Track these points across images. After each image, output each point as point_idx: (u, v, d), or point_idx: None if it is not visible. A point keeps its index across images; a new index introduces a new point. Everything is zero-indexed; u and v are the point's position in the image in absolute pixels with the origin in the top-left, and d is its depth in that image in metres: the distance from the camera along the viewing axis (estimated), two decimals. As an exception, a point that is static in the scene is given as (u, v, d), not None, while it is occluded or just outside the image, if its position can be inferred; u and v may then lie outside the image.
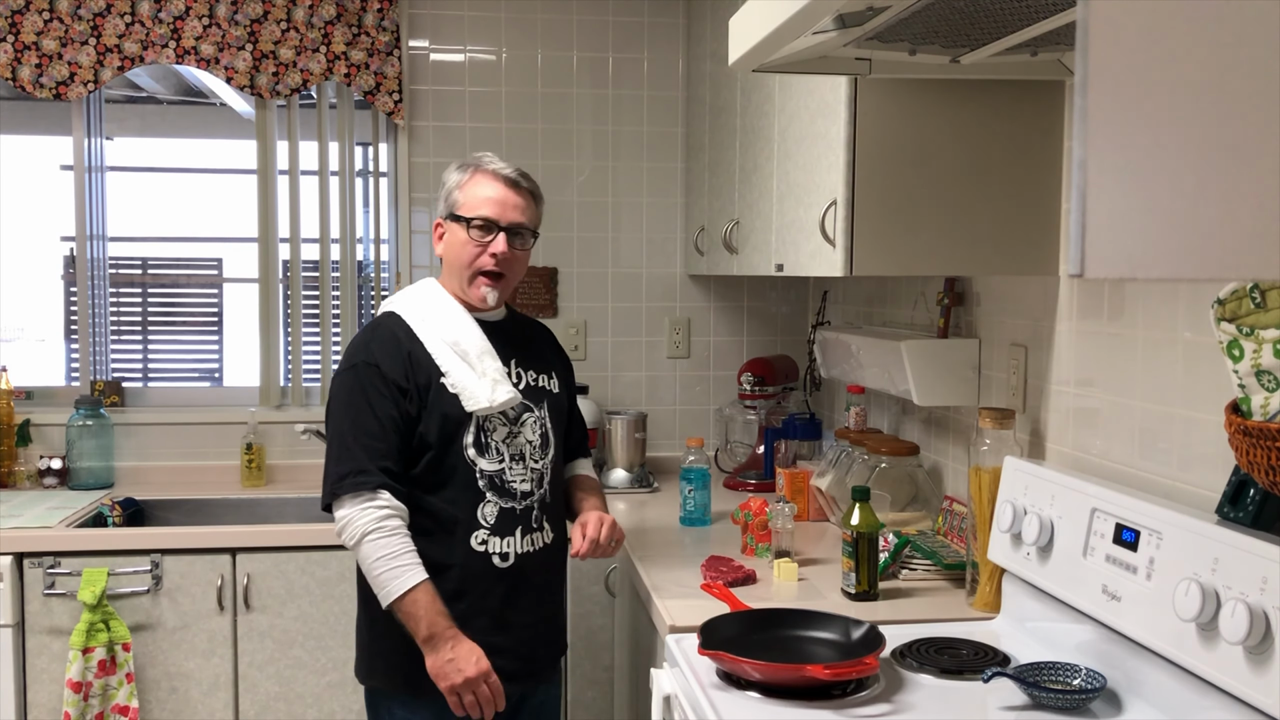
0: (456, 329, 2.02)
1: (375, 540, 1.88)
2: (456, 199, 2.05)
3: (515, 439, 2.03)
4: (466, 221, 2.03)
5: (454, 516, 1.98)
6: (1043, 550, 1.76)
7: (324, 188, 3.41)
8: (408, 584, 1.87)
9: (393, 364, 1.97)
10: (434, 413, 1.97)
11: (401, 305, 2.06)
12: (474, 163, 2.08)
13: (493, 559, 2.00)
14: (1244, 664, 1.31)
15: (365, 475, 1.90)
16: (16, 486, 3.24)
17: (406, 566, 1.88)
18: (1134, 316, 1.79)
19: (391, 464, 1.93)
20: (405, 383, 1.96)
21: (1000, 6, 1.48)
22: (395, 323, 2.03)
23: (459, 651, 1.88)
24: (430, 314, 2.03)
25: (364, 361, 1.97)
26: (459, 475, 1.98)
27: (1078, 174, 0.64)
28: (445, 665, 1.88)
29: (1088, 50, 0.63)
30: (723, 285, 3.60)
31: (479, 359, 2.00)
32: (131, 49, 3.23)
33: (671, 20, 3.51)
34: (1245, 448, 1.32)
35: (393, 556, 1.88)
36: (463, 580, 1.97)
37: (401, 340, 2.00)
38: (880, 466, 2.52)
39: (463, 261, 2.03)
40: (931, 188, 1.98)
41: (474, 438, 1.99)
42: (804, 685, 1.58)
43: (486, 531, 1.99)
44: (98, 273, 3.47)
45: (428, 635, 1.87)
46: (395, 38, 3.34)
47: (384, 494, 1.91)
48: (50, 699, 2.75)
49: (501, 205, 2.03)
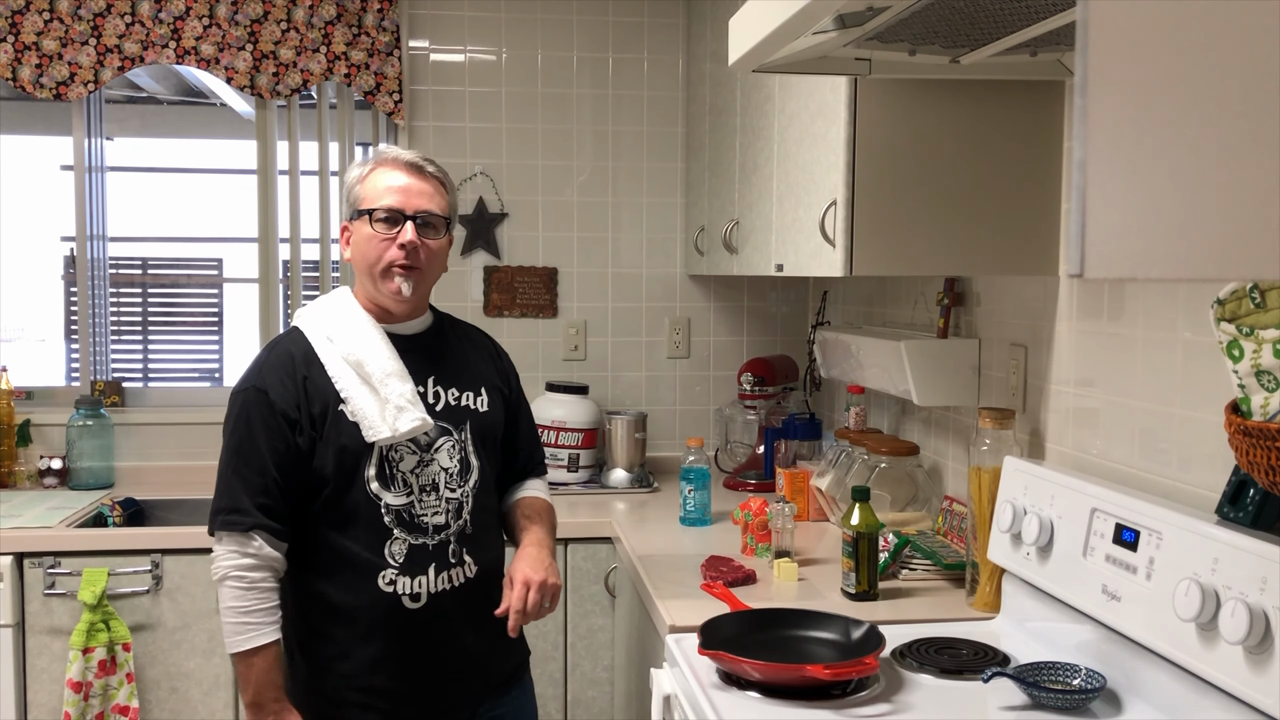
0: (362, 348, 1.84)
1: (233, 588, 1.77)
2: (358, 194, 1.88)
3: (427, 468, 1.86)
4: (369, 214, 1.85)
5: (358, 555, 1.81)
6: (1043, 550, 1.76)
7: (324, 188, 3.41)
8: (250, 644, 1.77)
9: (283, 391, 1.81)
10: (330, 445, 1.81)
11: (307, 321, 1.90)
12: (375, 156, 1.92)
13: (402, 600, 1.82)
14: (1244, 664, 1.31)
15: (239, 515, 1.78)
16: (16, 486, 3.24)
17: (255, 626, 1.77)
18: (1134, 316, 1.80)
19: (271, 501, 1.80)
20: (295, 413, 1.81)
21: (1000, 6, 1.48)
22: (295, 341, 1.87)
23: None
24: (336, 331, 1.86)
25: (254, 387, 1.83)
26: (362, 511, 1.82)
27: (1078, 174, 0.64)
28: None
29: (1088, 50, 0.63)
30: (723, 285, 3.60)
31: (383, 382, 1.82)
32: (131, 49, 3.23)
33: (671, 20, 3.51)
34: (1245, 448, 1.32)
35: (245, 611, 1.77)
36: (372, 624, 1.82)
37: (298, 363, 1.84)
38: (880, 466, 2.52)
39: (370, 259, 1.85)
40: (931, 188, 1.98)
41: (376, 470, 1.82)
42: (804, 685, 1.58)
43: (395, 571, 1.82)
44: (98, 273, 3.47)
45: (253, 701, 1.79)
46: (395, 38, 3.34)
47: (256, 539, 1.78)
48: (50, 699, 2.75)
49: (405, 193, 1.86)
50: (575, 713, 2.88)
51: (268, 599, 1.79)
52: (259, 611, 1.78)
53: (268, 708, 1.79)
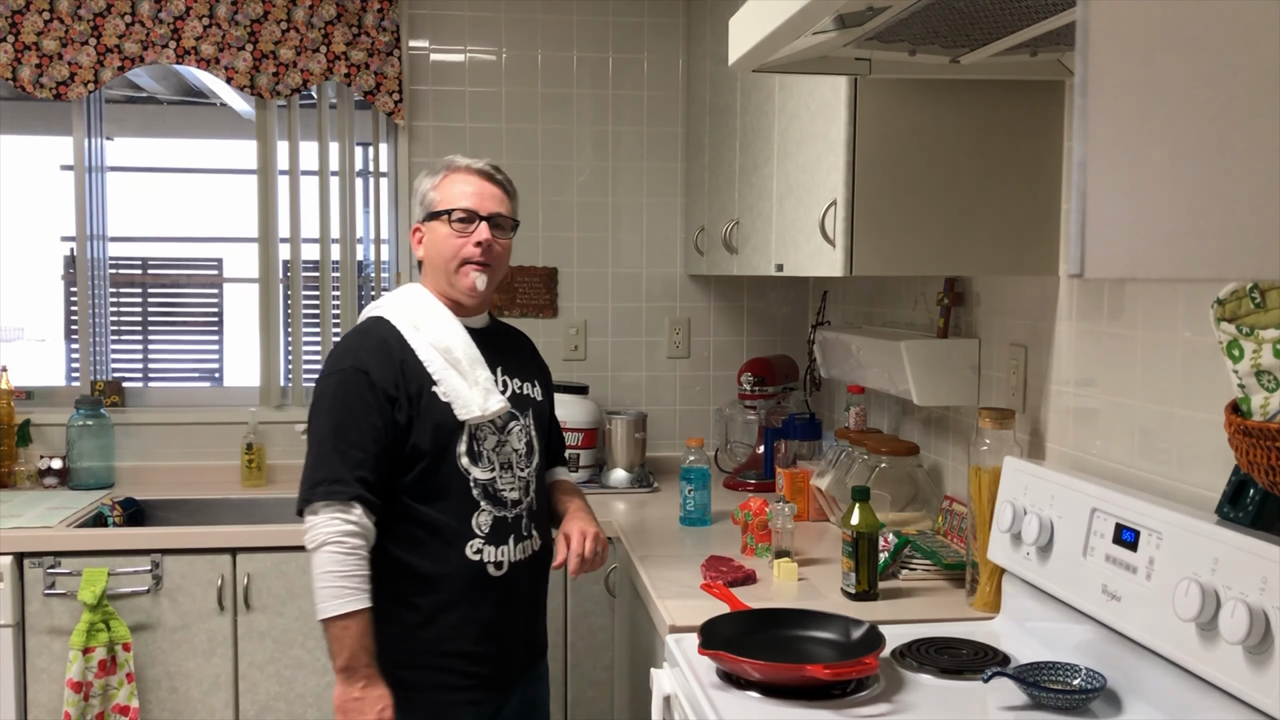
0: (448, 336, 1.99)
1: (332, 553, 1.84)
2: (433, 198, 2.04)
3: (504, 447, 2.01)
4: (447, 215, 2.01)
5: (448, 526, 1.95)
6: (1043, 550, 1.76)
7: (324, 188, 3.41)
8: (347, 608, 1.83)
9: (383, 371, 1.93)
10: (426, 422, 1.93)
11: (390, 311, 2.02)
12: (446, 164, 2.07)
13: (487, 568, 1.97)
14: (1244, 664, 1.31)
15: (341, 485, 1.86)
16: (16, 486, 3.24)
17: (352, 591, 1.84)
18: (1134, 316, 1.80)
19: (369, 474, 1.89)
20: (395, 391, 1.92)
21: (1000, 6, 1.48)
22: (385, 329, 1.99)
23: (368, 693, 1.85)
24: (421, 320, 2.00)
25: (352, 367, 1.93)
26: (453, 485, 1.95)
27: (1078, 174, 0.64)
28: (350, 701, 1.85)
29: (1088, 50, 0.63)
30: (723, 285, 3.60)
31: (470, 367, 1.98)
32: (131, 49, 3.23)
33: (671, 20, 3.51)
34: (1245, 448, 1.32)
35: (343, 575, 1.84)
36: (456, 591, 1.95)
37: (393, 347, 1.96)
38: (880, 466, 2.52)
39: (446, 255, 2.01)
40: (931, 188, 1.98)
41: (467, 447, 1.96)
42: (804, 685, 1.58)
43: (481, 540, 1.97)
44: (98, 273, 3.47)
45: (346, 665, 1.84)
46: (395, 38, 3.34)
47: (357, 508, 1.87)
48: (50, 699, 2.75)
49: (479, 197, 2.03)
50: (575, 713, 2.88)
51: (363, 566, 1.87)
52: (356, 577, 1.86)
53: (359, 672, 1.85)
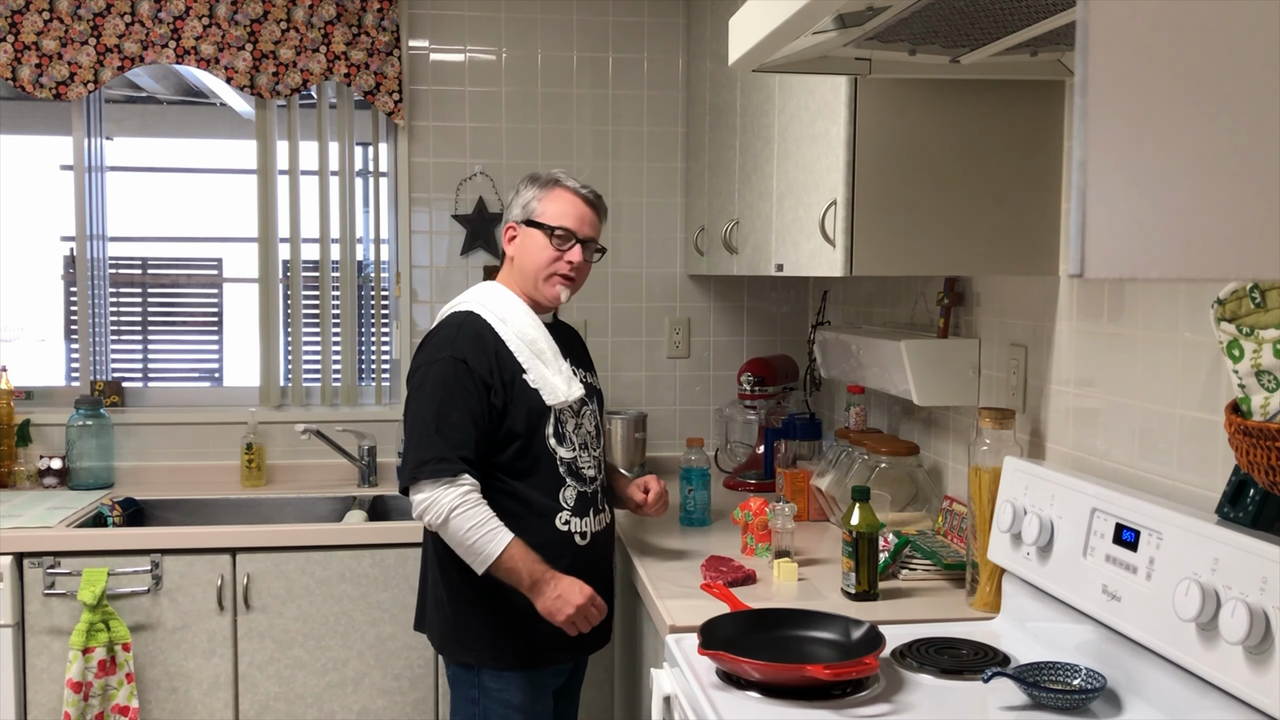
0: (531, 329, 2.20)
1: (462, 513, 2.03)
2: (535, 208, 2.23)
3: (580, 430, 2.23)
4: (550, 230, 2.20)
5: (540, 500, 2.15)
6: (1043, 550, 1.76)
7: (324, 188, 3.41)
8: (501, 544, 2.03)
9: (479, 360, 2.11)
10: (519, 406, 2.13)
11: (478, 306, 2.20)
12: (554, 178, 2.26)
13: (574, 537, 2.18)
14: (1244, 664, 1.31)
15: (446, 463, 2.05)
16: (16, 486, 3.24)
17: (495, 530, 2.04)
18: (1134, 316, 1.79)
19: (470, 454, 2.08)
20: (490, 378, 2.11)
21: (1000, 6, 1.48)
22: (477, 322, 2.17)
23: (562, 587, 2.06)
24: (507, 315, 2.19)
25: (451, 356, 2.11)
26: (543, 463, 2.16)
27: (1078, 174, 0.64)
28: (554, 602, 2.05)
29: (1088, 50, 0.63)
30: (723, 285, 3.60)
31: (554, 358, 2.20)
32: (131, 49, 3.23)
33: (671, 20, 3.51)
34: (1245, 448, 1.32)
35: (481, 524, 2.03)
36: (548, 558, 2.09)
37: (487, 339, 2.15)
38: (880, 466, 2.52)
39: (539, 264, 2.21)
40: (931, 188, 1.98)
41: (553, 428, 2.17)
42: (804, 685, 1.58)
43: (568, 512, 2.18)
44: (98, 273, 3.47)
45: (531, 582, 2.05)
46: (395, 38, 3.34)
47: (465, 476, 2.06)
48: (50, 699, 2.75)
49: (580, 220, 2.23)
50: (575, 713, 2.87)
51: (491, 512, 2.06)
52: (491, 520, 2.05)
53: (543, 580, 2.06)
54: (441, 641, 2.23)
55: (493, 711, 2.16)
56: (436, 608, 2.22)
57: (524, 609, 2.10)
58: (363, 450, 3.32)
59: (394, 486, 3.33)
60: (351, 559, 2.85)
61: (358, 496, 3.25)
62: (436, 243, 3.47)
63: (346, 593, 2.85)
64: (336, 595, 2.85)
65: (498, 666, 2.15)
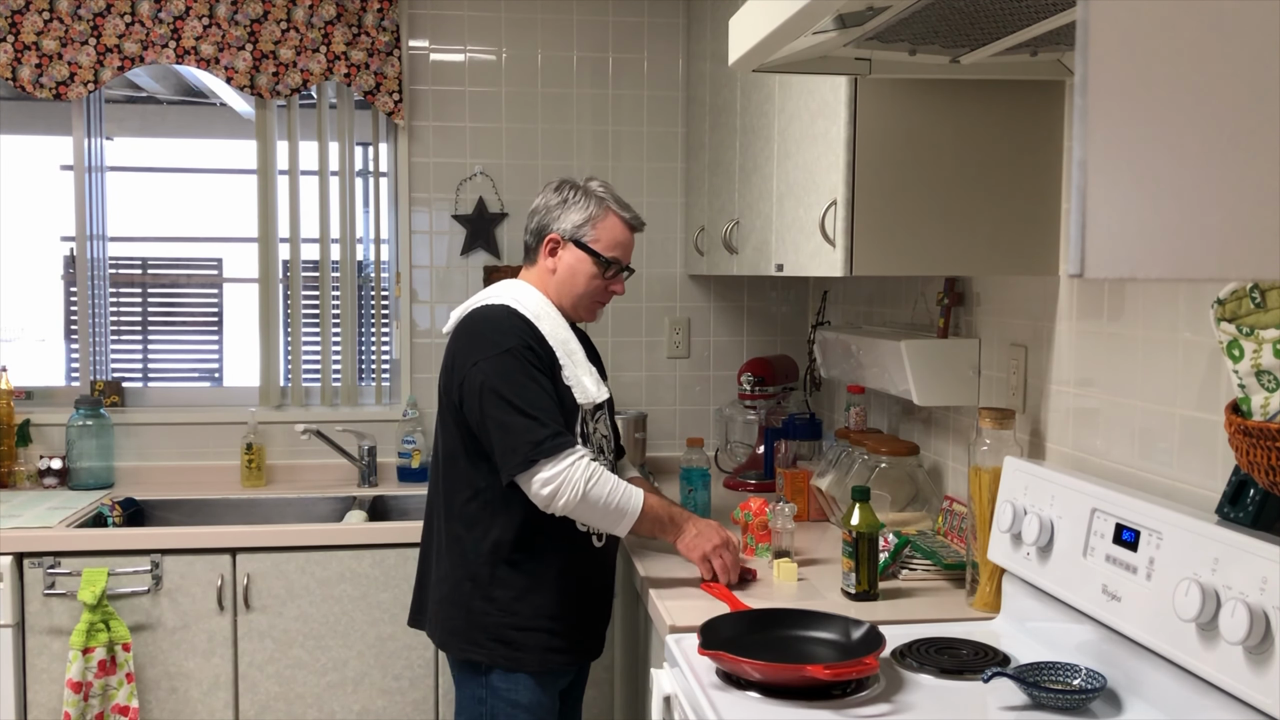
0: (563, 332, 2.21)
1: (596, 483, 2.04)
2: (589, 233, 2.23)
3: (597, 433, 2.24)
4: (604, 262, 2.23)
5: None
6: (1043, 550, 1.76)
7: (324, 188, 3.41)
8: (640, 497, 2.09)
9: (539, 350, 2.14)
10: (561, 399, 2.14)
11: (512, 302, 2.19)
12: (603, 201, 2.25)
13: (591, 539, 2.19)
14: (1244, 664, 1.31)
15: (558, 438, 2.04)
16: (16, 486, 3.24)
17: (626, 486, 2.09)
18: (1134, 316, 1.79)
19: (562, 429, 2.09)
20: (549, 369, 2.15)
21: (1000, 6, 1.48)
22: (520, 316, 2.16)
23: (700, 526, 2.15)
24: (541, 315, 2.19)
25: (518, 345, 2.11)
26: None
27: (1078, 174, 0.64)
28: (694, 540, 2.13)
29: (1088, 50, 0.63)
30: (723, 285, 3.60)
31: (583, 359, 2.22)
32: (131, 49, 3.23)
33: (671, 20, 3.51)
34: (1245, 448, 1.32)
35: (616, 486, 2.07)
36: (565, 559, 2.14)
37: (534, 332, 2.16)
38: (880, 466, 2.52)
39: (585, 290, 2.24)
40: (931, 188, 1.98)
41: (580, 428, 2.17)
42: (804, 685, 1.58)
43: None
44: (98, 273, 3.47)
45: (670, 529, 2.14)
46: (395, 38, 3.34)
47: (578, 447, 2.07)
48: (50, 699, 2.75)
49: (628, 250, 2.29)
50: (575, 713, 2.87)
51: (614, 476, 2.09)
52: (619, 483, 2.08)
53: (679, 522, 2.15)
54: (448, 638, 2.20)
55: (500, 711, 2.14)
56: (443, 604, 2.19)
57: (540, 611, 2.10)
58: (363, 450, 3.32)
59: (394, 486, 3.33)
60: (351, 559, 2.85)
61: (358, 496, 3.25)
62: (436, 243, 3.47)
63: (346, 593, 2.85)
64: (336, 595, 2.85)
65: (509, 667, 2.13)
